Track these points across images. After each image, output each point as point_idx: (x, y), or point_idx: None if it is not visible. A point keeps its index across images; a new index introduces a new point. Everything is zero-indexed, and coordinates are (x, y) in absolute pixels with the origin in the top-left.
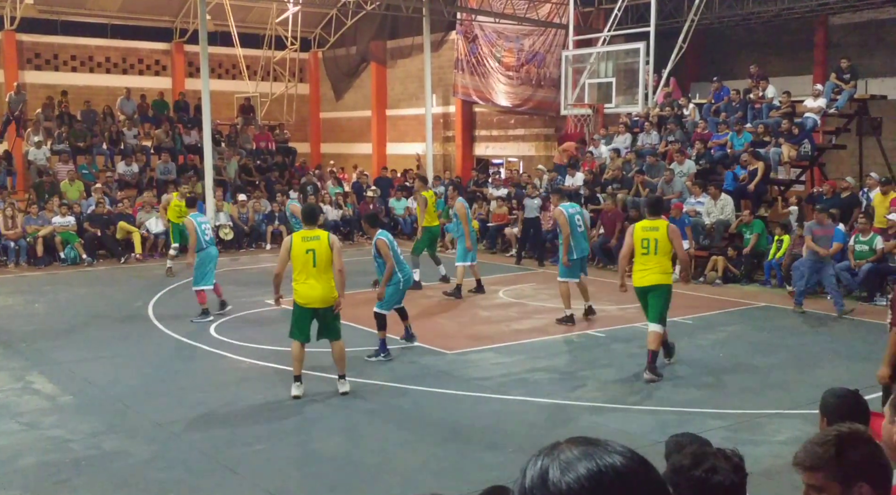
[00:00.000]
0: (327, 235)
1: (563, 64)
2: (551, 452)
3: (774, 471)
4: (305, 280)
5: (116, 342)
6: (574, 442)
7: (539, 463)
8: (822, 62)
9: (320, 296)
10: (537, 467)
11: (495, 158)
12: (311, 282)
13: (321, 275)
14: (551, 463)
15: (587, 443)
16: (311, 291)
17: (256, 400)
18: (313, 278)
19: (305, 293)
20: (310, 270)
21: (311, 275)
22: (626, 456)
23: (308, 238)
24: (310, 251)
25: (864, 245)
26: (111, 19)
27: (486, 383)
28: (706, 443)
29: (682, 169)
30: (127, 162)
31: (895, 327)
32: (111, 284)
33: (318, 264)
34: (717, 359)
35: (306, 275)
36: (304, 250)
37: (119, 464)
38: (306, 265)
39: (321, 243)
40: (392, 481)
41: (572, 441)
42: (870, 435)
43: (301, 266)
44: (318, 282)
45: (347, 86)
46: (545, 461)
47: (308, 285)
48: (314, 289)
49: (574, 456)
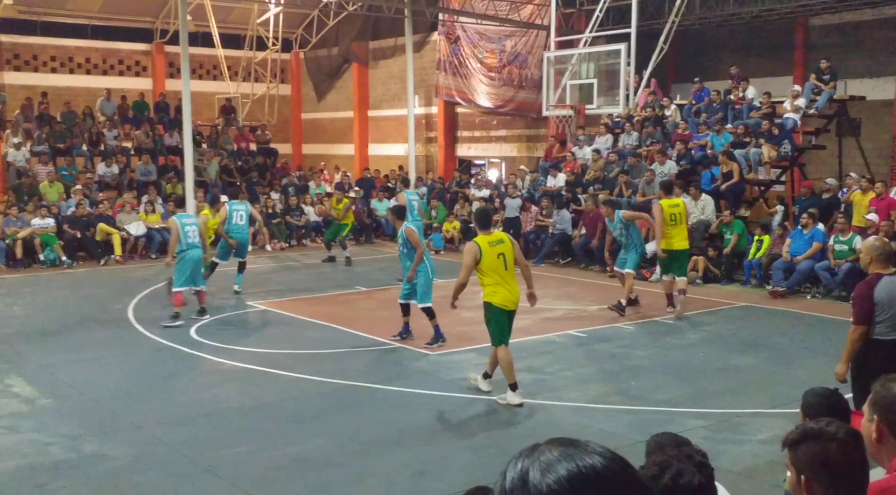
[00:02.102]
0: (507, 236)
1: (545, 65)
2: (531, 453)
3: (755, 470)
4: (503, 283)
5: (96, 344)
6: (554, 444)
7: (519, 465)
8: (801, 63)
9: (517, 298)
10: (517, 469)
11: (478, 159)
12: (508, 283)
13: (512, 277)
14: (531, 464)
15: (567, 444)
16: (511, 294)
17: (237, 402)
18: (509, 280)
19: (505, 296)
20: (503, 273)
21: (506, 278)
22: (605, 456)
23: (494, 243)
24: (500, 255)
25: (843, 245)
26: (91, 20)
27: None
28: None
29: (663, 169)
30: (107, 163)
31: (855, 324)
32: (91, 286)
33: (509, 267)
34: (697, 358)
35: (501, 278)
36: (496, 255)
37: (98, 468)
38: (498, 269)
39: (507, 246)
40: (373, 482)
41: (552, 442)
42: (836, 437)
43: (493, 271)
44: (513, 284)
45: (329, 86)
46: (525, 462)
47: (507, 288)
48: (513, 292)
49: (554, 457)
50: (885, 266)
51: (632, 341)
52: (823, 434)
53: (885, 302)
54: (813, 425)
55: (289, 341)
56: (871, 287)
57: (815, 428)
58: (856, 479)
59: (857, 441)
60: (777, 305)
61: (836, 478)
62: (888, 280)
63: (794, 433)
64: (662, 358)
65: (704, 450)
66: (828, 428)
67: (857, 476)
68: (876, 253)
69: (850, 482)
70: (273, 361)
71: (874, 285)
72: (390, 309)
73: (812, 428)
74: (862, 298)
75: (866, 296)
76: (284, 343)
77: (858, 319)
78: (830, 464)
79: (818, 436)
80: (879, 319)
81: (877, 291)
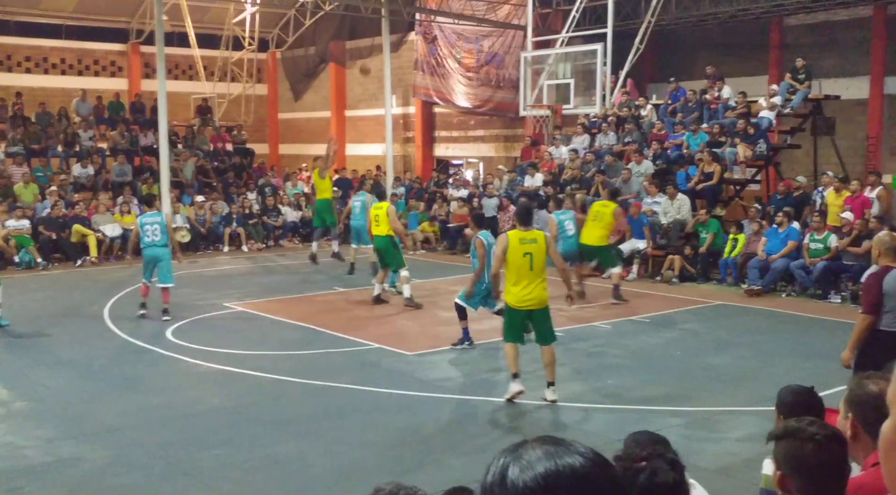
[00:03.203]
0: (544, 236)
1: (522, 65)
2: (515, 450)
3: (731, 468)
4: (522, 282)
5: (72, 346)
6: (539, 442)
7: (501, 461)
8: (777, 63)
9: (537, 298)
10: (499, 464)
11: (455, 159)
12: (527, 284)
13: (537, 278)
14: (513, 461)
15: (551, 443)
16: (528, 294)
17: (214, 403)
18: (529, 280)
19: (519, 295)
20: (526, 273)
21: (527, 278)
22: (587, 457)
23: (526, 240)
24: (527, 254)
25: (818, 243)
26: (66, 20)
27: (447, 384)
28: (662, 440)
29: (640, 169)
30: (82, 164)
31: (864, 313)
32: (66, 288)
33: (535, 267)
34: (674, 357)
35: (522, 277)
36: (522, 253)
37: (74, 471)
38: (522, 268)
39: (539, 246)
40: (352, 484)
41: (538, 440)
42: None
43: (517, 268)
44: (533, 285)
45: (306, 86)
46: (507, 459)
47: (524, 287)
48: (531, 291)
49: (536, 455)
50: (893, 259)
51: (608, 340)
52: (802, 433)
53: (893, 292)
54: (795, 423)
55: (266, 342)
56: (879, 278)
57: (795, 427)
58: (830, 481)
59: (835, 443)
60: (753, 304)
61: (809, 478)
62: (894, 272)
63: (779, 428)
64: (639, 356)
65: (676, 449)
66: (809, 427)
67: (831, 478)
68: (885, 247)
69: (823, 483)
70: (250, 363)
71: (883, 276)
72: (368, 309)
73: (794, 426)
74: (870, 288)
75: (875, 285)
76: (262, 344)
77: (867, 308)
78: (804, 464)
79: (796, 435)
80: (886, 309)
81: (885, 282)
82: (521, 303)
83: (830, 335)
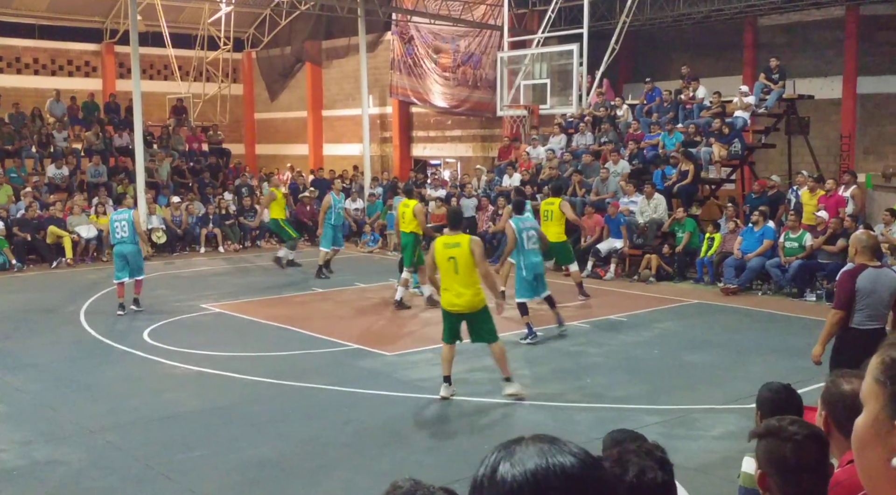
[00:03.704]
0: (468, 241)
1: (499, 65)
2: (509, 447)
3: (709, 466)
4: (452, 287)
5: (48, 348)
6: (534, 440)
7: (494, 456)
8: (751, 63)
9: (467, 303)
10: (492, 460)
11: (433, 159)
12: (456, 288)
13: (464, 282)
14: (505, 457)
15: (546, 442)
16: (457, 298)
17: (192, 405)
18: (457, 284)
19: (449, 299)
20: (453, 277)
21: (455, 282)
22: (579, 457)
23: (450, 245)
24: (451, 259)
25: (793, 242)
26: (39, 19)
27: (426, 384)
28: (640, 438)
29: (617, 169)
30: (57, 165)
31: (835, 309)
32: (42, 290)
33: (460, 271)
34: (652, 355)
35: (450, 281)
36: (446, 257)
37: (51, 474)
38: (448, 272)
39: (462, 250)
40: (331, 485)
41: (533, 438)
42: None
43: (444, 272)
44: (462, 289)
45: (282, 86)
46: (500, 454)
47: (453, 292)
48: (460, 296)
49: (528, 452)
50: (869, 258)
51: (587, 339)
52: (782, 432)
53: (866, 290)
54: (776, 422)
55: (244, 343)
56: (854, 275)
57: (776, 426)
58: (810, 480)
59: (815, 443)
60: (729, 302)
61: (788, 478)
62: (872, 271)
63: (760, 427)
64: (617, 355)
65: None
66: (789, 427)
67: (812, 476)
68: (861, 245)
69: (804, 481)
70: (228, 364)
71: (857, 274)
72: (346, 310)
73: (774, 425)
74: (844, 284)
75: (849, 282)
76: (239, 345)
77: (838, 304)
78: (783, 463)
79: (777, 434)
80: (859, 307)
81: (860, 279)
82: (451, 307)
83: (806, 333)
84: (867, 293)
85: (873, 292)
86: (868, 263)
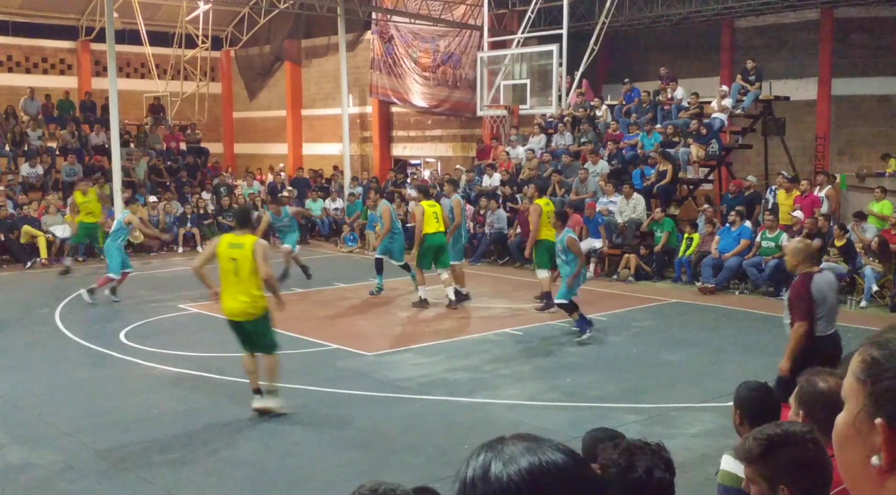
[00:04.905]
0: (252, 243)
1: (479, 65)
2: (495, 446)
3: (687, 464)
4: (229, 290)
5: (22, 349)
6: (519, 438)
7: (482, 456)
8: (728, 64)
9: (242, 310)
10: (480, 459)
11: (413, 159)
12: (234, 293)
13: (243, 287)
14: (494, 456)
15: (531, 440)
16: (235, 304)
17: (169, 407)
18: (235, 289)
19: (229, 306)
20: (232, 280)
21: (233, 286)
22: (566, 453)
23: (234, 245)
24: (233, 260)
25: (770, 241)
26: (13, 16)
27: (406, 384)
28: (619, 436)
29: (596, 169)
30: (31, 164)
31: (800, 322)
32: (16, 290)
33: (240, 275)
34: (630, 354)
35: (228, 285)
36: (229, 258)
37: (26, 477)
38: (228, 274)
39: (244, 252)
40: (312, 486)
41: (517, 437)
42: (806, 437)
43: (224, 275)
44: (242, 295)
45: (261, 85)
46: (489, 454)
47: (231, 297)
48: (236, 302)
49: (517, 450)
50: (811, 265)
51: (567, 339)
52: (793, 437)
53: (820, 298)
54: (772, 431)
55: (222, 344)
56: (806, 285)
57: (780, 434)
58: (830, 475)
59: (818, 436)
60: (707, 301)
61: (818, 478)
62: (819, 277)
63: (754, 444)
64: (596, 354)
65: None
66: (791, 429)
67: (831, 471)
68: (802, 254)
69: (827, 479)
70: (206, 365)
71: (808, 283)
72: (326, 310)
73: (776, 433)
74: (801, 296)
75: (805, 293)
76: (218, 346)
77: (802, 316)
78: (812, 466)
79: (790, 442)
80: (819, 316)
81: (813, 289)
82: (228, 314)
83: (782, 331)
84: (822, 300)
85: (826, 297)
86: (812, 270)
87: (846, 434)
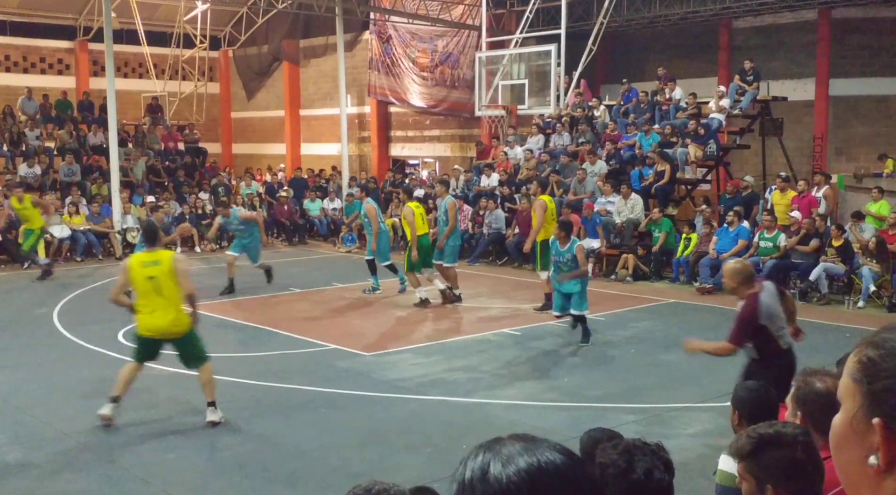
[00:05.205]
0: (170, 257)
1: (477, 65)
2: (493, 446)
3: (685, 464)
4: (151, 308)
5: (19, 350)
6: (516, 438)
7: (480, 457)
8: (726, 64)
9: (166, 328)
10: (478, 460)
11: (411, 159)
12: (160, 311)
13: (168, 303)
14: (493, 457)
15: (528, 440)
16: (157, 321)
17: (167, 407)
18: (160, 307)
19: (150, 324)
20: (154, 299)
21: (157, 304)
22: (564, 453)
23: (148, 263)
24: (152, 278)
25: (768, 241)
26: (10, 16)
27: (404, 384)
28: (617, 436)
29: (594, 169)
30: (29, 164)
31: (728, 344)
32: (14, 290)
33: (162, 292)
34: (628, 354)
35: (150, 303)
36: (144, 277)
37: (23, 477)
38: (149, 293)
39: (162, 268)
40: (309, 486)
41: (514, 437)
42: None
43: (144, 294)
44: (166, 312)
45: (259, 85)
46: (487, 455)
47: (152, 315)
48: (160, 319)
49: (515, 450)
50: (752, 285)
51: (565, 339)
52: (784, 438)
53: (772, 315)
54: (764, 431)
55: (220, 344)
56: (755, 310)
57: (771, 433)
58: (820, 478)
59: (812, 438)
60: (704, 301)
61: (805, 480)
62: (763, 296)
63: (746, 442)
64: (594, 354)
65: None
66: (784, 430)
67: (822, 474)
68: (741, 276)
69: (816, 481)
70: None
71: (756, 308)
72: (324, 310)
73: (767, 433)
74: (747, 320)
75: (752, 317)
76: (216, 346)
77: (738, 340)
78: (799, 468)
79: (780, 442)
80: (778, 333)
81: (760, 313)
82: (149, 332)
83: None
84: (775, 315)
85: (775, 312)
86: (754, 290)
87: (843, 434)
